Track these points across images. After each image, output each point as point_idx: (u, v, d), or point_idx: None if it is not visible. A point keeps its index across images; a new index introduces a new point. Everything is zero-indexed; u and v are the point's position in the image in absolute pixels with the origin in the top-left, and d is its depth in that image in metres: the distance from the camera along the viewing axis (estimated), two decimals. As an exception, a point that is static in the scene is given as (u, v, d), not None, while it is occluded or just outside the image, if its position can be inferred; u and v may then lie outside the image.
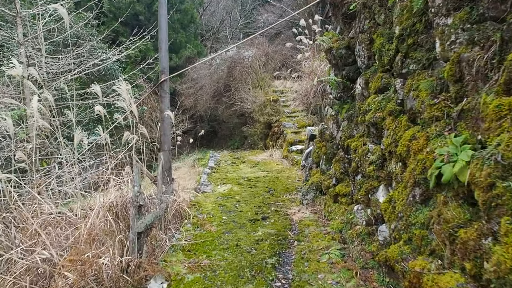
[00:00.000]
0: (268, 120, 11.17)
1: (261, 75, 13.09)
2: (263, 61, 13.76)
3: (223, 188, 6.46)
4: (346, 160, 4.65)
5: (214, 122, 19.26)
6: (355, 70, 4.87)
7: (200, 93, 15.95)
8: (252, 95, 12.00)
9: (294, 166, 8.12)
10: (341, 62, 4.99)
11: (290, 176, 7.16)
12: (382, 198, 3.43)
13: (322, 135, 5.87)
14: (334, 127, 5.42)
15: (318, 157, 5.84)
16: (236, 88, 13.04)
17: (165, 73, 5.15)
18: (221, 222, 4.63)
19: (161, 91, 5.22)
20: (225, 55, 14.20)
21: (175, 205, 4.48)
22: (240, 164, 8.86)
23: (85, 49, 13.09)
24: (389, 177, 3.38)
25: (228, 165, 8.88)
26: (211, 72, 14.70)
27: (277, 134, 10.60)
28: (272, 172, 7.72)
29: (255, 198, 5.74)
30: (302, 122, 10.49)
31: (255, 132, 11.79)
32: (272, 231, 4.27)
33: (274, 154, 9.67)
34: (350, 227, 3.92)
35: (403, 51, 3.50)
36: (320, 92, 10.01)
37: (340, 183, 4.70)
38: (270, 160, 9.25)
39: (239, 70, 13.21)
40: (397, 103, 3.53)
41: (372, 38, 4.30)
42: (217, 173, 7.89)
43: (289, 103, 12.08)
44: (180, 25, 21.42)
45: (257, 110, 11.63)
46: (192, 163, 13.59)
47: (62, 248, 3.53)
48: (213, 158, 9.85)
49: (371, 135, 3.94)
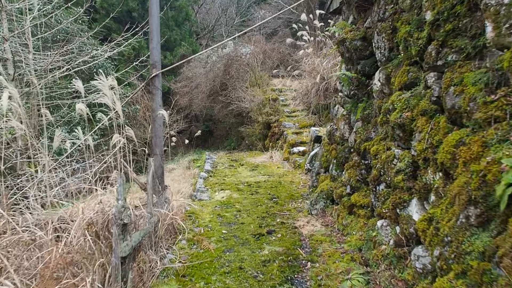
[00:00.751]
0: (267, 120, 10.56)
1: (259, 73, 12.48)
2: (261, 58, 13.14)
3: (222, 195, 5.85)
4: (363, 166, 4.06)
5: (210, 122, 18.64)
6: (372, 64, 4.29)
7: (195, 92, 15.32)
8: (250, 94, 11.39)
9: (297, 170, 7.52)
10: (356, 55, 4.40)
11: (294, 181, 6.57)
12: (416, 214, 2.83)
13: (331, 137, 5.28)
14: (345, 128, 4.82)
15: (327, 162, 5.25)
16: (233, 87, 12.42)
17: (156, 67, 4.52)
18: (220, 237, 4.02)
19: (153, 88, 4.60)
20: (221, 52, 13.57)
21: (167, 218, 3.86)
22: (239, 167, 8.24)
23: (75, 46, 12.41)
24: (425, 190, 2.78)
25: (225, 168, 8.26)
26: (206, 71, 14.06)
27: (277, 134, 10.00)
28: (274, 176, 7.12)
29: (258, 207, 5.13)
30: (303, 122, 9.90)
31: (253, 132, 11.18)
32: (280, 249, 3.66)
33: (274, 156, 9.07)
34: (373, 246, 3.33)
35: (440, 38, 2.90)
36: (323, 90, 9.43)
37: (356, 192, 4.10)
38: (270, 163, 8.65)
39: (236, 67, 12.59)
40: (431, 101, 2.94)
41: (394, 26, 3.71)
42: (214, 177, 7.27)
43: (289, 102, 11.48)
44: (174, 23, 20.77)
45: (255, 110, 11.02)
46: (187, 164, 12.98)
47: (30, 276, 2.91)
48: (210, 160, 9.22)
49: (397, 138, 3.35)
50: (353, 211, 4.05)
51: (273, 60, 14.39)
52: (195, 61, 16.82)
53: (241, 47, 13.45)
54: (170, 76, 19.57)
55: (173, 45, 20.56)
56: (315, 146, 6.85)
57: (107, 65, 14.78)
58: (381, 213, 3.36)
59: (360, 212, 3.88)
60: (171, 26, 20.35)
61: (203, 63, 15.02)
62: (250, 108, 11.24)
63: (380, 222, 3.33)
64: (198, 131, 10.57)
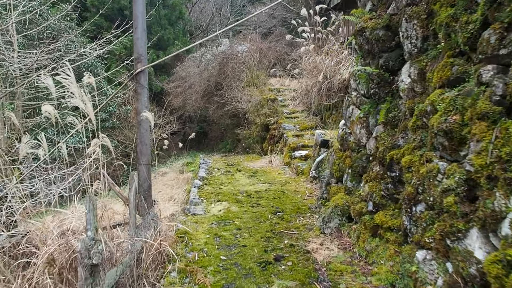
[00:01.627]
0: (265, 122, 9.84)
1: (256, 72, 11.75)
2: (258, 57, 12.42)
3: (218, 207, 5.11)
4: (389, 180, 3.35)
5: (204, 123, 17.90)
6: (397, 57, 3.58)
7: (189, 92, 14.57)
8: (246, 94, 10.66)
9: (300, 176, 6.81)
10: (378, 47, 3.69)
11: (298, 190, 5.86)
12: (480, 251, 2.13)
13: (344, 143, 4.57)
14: (362, 132, 4.12)
15: (340, 171, 4.54)
16: (229, 86, 11.67)
17: (141, 61, 3.78)
18: (218, 266, 3.29)
19: (138, 86, 3.86)
20: (216, 50, 12.82)
21: (154, 245, 3.12)
22: (236, 173, 7.51)
23: (62, 44, 11.61)
24: (493, 219, 2.08)
25: (221, 174, 7.53)
26: (200, 70, 13.30)
27: (276, 137, 9.29)
28: (275, 184, 6.40)
29: (260, 223, 4.40)
30: (304, 124, 9.20)
31: (251, 134, 10.46)
32: (293, 283, 2.94)
33: (274, 161, 8.35)
34: (412, 284, 2.62)
35: (505, 20, 2.21)
36: (325, 90, 8.73)
37: (380, 210, 3.40)
38: (269, 168, 7.93)
39: (232, 66, 11.85)
40: (493, 101, 2.24)
41: (431, 10, 3.01)
42: (209, 185, 6.53)
43: (287, 102, 10.77)
44: (167, 21, 20.01)
45: (253, 111, 10.29)
46: (181, 168, 12.24)
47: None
48: (204, 166, 8.48)
49: (439, 147, 2.65)
50: (378, 233, 3.35)
51: (270, 59, 13.67)
52: (189, 60, 16.07)
53: (237, 45, 12.72)
54: (163, 76, 18.81)
55: (166, 44, 19.79)
56: (321, 151, 6.15)
57: (97, 64, 13.99)
58: (421, 242, 2.66)
59: (388, 236, 3.17)
60: (164, 24, 19.59)
61: (197, 62, 14.26)
62: (247, 109, 10.52)
63: (421, 254, 2.63)
64: (192, 134, 9.84)
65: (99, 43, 12.43)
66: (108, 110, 13.91)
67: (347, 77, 8.07)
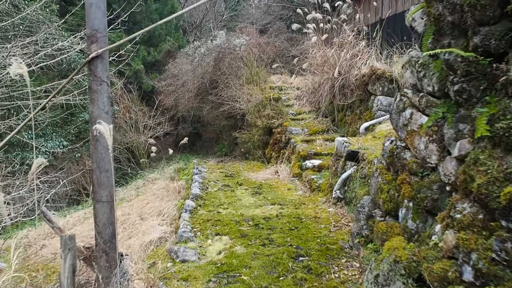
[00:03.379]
0: (268, 124, 8.42)
1: (255, 68, 10.32)
2: (256, 52, 10.98)
3: (217, 246, 3.69)
4: (507, 235, 1.96)
5: (198, 124, 16.46)
6: (505, 33, 2.18)
7: (181, 90, 13.11)
8: (246, 93, 9.23)
9: (316, 194, 5.42)
10: (473, 17, 2.28)
11: (319, 216, 4.45)
12: None
13: (395, 161, 3.17)
14: (431, 149, 2.72)
15: (392, 201, 3.14)
16: (225, 84, 10.23)
17: (98, 41, 2.36)
18: None
19: (92, 80, 2.43)
20: (211, 44, 11.34)
21: None
22: (237, 188, 6.09)
23: (40, 37, 10.11)
24: None
25: (219, 189, 6.10)
26: (194, 66, 11.82)
27: (281, 142, 7.87)
28: (287, 205, 5.00)
29: (280, 279, 2.99)
30: (314, 127, 7.80)
31: (250, 138, 9.02)
32: None
33: (281, 171, 6.94)
34: None
35: None
36: (338, 87, 7.33)
37: (491, 284, 2.00)
38: (276, 181, 6.53)
39: (229, 62, 10.39)
40: None
41: None
42: (204, 207, 5.10)
43: (292, 102, 9.37)
44: (159, 16, 18.53)
45: (253, 111, 8.86)
46: (172, 174, 10.81)
47: None
48: (198, 177, 7.05)
49: None
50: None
51: (269, 55, 12.24)
52: (182, 56, 14.59)
53: (234, 38, 11.25)
54: (154, 73, 17.32)
55: (157, 40, 18.33)
56: (347, 165, 4.74)
57: (81, 61, 12.46)
58: None
59: None
60: (155, 19, 18.12)
61: (190, 58, 12.77)
62: (246, 109, 9.09)
63: None
64: (184, 139, 8.38)
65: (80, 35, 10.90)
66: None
67: (366, 72, 6.69)
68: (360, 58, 7.18)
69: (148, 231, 5.94)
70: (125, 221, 7.12)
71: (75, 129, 12.23)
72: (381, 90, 6.45)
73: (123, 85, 14.48)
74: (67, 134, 12.17)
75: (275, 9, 21.26)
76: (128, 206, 8.34)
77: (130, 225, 6.95)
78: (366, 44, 7.36)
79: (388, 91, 6.41)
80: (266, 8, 21.91)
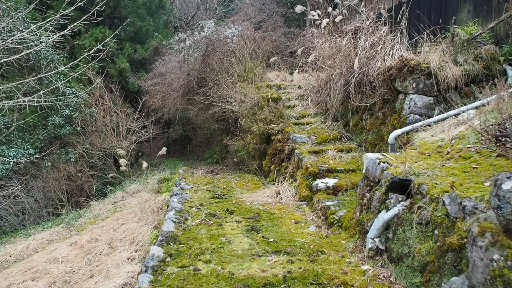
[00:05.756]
0: (265, 130, 6.72)
1: (250, 64, 8.61)
2: (251, 46, 9.28)
3: None
4: None
5: (187, 127, 14.73)
6: None
7: (167, 90, 11.38)
8: (238, 92, 7.52)
9: (336, 232, 3.75)
10: None
11: (351, 283, 2.77)
12: None
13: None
14: None
15: None
16: (215, 82, 8.51)
17: None
18: None
19: None
20: (198, 35, 9.61)
21: None
22: (226, 221, 4.39)
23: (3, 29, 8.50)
24: None
25: (202, 222, 4.40)
26: (179, 61, 10.07)
27: (283, 153, 6.19)
28: (297, 254, 3.32)
29: None
30: (323, 134, 6.12)
31: (245, 147, 7.32)
32: None
33: (283, 192, 5.25)
34: None
35: None
36: (354, 84, 5.65)
37: None
38: (278, 206, 4.84)
39: (219, 56, 8.68)
40: None
41: None
42: (176, 259, 3.39)
43: (293, 102, 7.67)
44: (146, 11, 16.71)
45: (248, 115, 7.16)
46: (156, 186, 9.13)
47: None
48: (177, 200, 5.35)
49: None
50: None
51: (264, 51, 10.53)
52: (169, 53, 12.83)
53: (225, 28, 9.51)
54: (141, 72, 15.50)
55: (145, 37, 16.49)
56: (389, 198, 3.05)
57: (53, 57, 10.65)
58: None
59: None
60: (142, 14, 16.31)
61: (177, 54, 11.02)
62: (239, 112, 7.38)
63: None
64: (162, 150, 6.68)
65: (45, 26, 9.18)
66: (64, 114, 10.61)
67: (393, 64, 5.02)
68: (381, 48, 5.51)
69: (113, 270, 4.29)
70: (91, 250, 5.47)
71: (44, 135, 10.44)
72: (415, 87, 4.79)
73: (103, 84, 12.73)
74: (36, 141, 10.37)
75: (269, 7, 19.62)
76: (100, 227, 6.68)
77: (96, 255, 5.33)
78: (389, 30, 5.69)
79: (424, 89, 4.75)
80: (260, 5, 20.23)
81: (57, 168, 11.32)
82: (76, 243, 5.98)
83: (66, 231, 7.88)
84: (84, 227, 7.57)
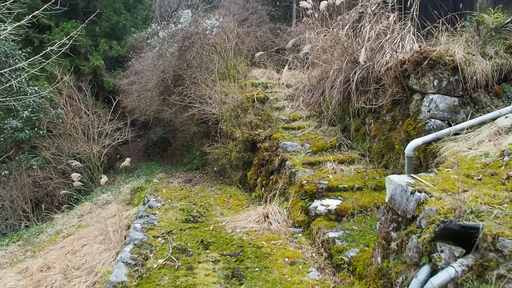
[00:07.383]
0: (250, 137, 5.61)
1: (232, 59, 7.49)
2: (233, 39, 8.16)
3: None
4: None
5: (167, 129, 13.49)
6: None
7: (143, 89, 10.17)
8: (219, 91, 6.39)
9: (343, 279, 2.71)
10: None
11: None
12: None
13: None
14: None
15: None
16: (193, 80, 7.35)
17: None
18: None
19: None
20: (174, 27, 8.43)
21: None
22: (198, 261, 3.27)
23: None
24: None
25: (167, 262, 3.27)
26: (154, 58, 8.86)
27: (271, 164, 5.09)
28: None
29: None
30: (318, 140, 5.06)
31: (226, 155, 6.19)
32: None
33: (273, 215, 4.15)
34: None
35: None
36: (356, 82, 4.62)
37: None
38: (266, 236, 3.74)
39: (197, 51, 7.52)
40: None
41: None
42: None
43: (282, 103, 6.59)
44: (123, 5, 15.36)
45: (229, 117, 6.05)
46: (128, 196, 7.97)
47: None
48: (140, 227, 4.21)
49: None
50: None
51: (249, 47, 9.43)
52: (148, 51, 11.58)
53: (204, 19, 8.35)
54: (117, 70, 14.16)
55: (122, 33, 15.15)
56: (439, 249, 1.99)
57: (14, 52, 9.28)
58: None
59: None
60: (118, 9, 14.97)
61: (150, 47, 9.79)
62: (220, 114, 6.25)
63: None
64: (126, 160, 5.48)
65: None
66: (23, 116, 9.25)
67: (408, 57, 4.00)
68: (389, 38, 4.49)
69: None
70: (41, 282, 4.32)
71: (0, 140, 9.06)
72: (436, 85, 3.77)
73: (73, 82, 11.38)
74: (-6, 147, 9.01)
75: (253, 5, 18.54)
76: (58, 249, 5.52)
77: (47, 288, 4.18)
78: (398, 17, 4.67)
79: (448, 87, 3.74)
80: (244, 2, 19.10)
81: (19, 176, 9.93)
82: (27, 269, 4.87)
83: (22, 251, 6.70)
84: (42, 246, 6.44)
